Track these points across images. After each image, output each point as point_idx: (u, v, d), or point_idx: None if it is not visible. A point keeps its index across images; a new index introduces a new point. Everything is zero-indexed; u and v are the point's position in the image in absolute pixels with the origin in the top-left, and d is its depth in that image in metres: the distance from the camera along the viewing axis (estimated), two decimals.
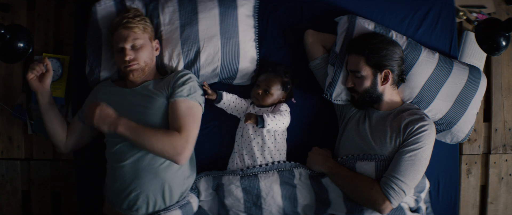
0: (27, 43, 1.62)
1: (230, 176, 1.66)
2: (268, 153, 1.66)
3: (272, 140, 1.67)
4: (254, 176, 1.64)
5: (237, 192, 1.63)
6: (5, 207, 1.98)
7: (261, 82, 1.70)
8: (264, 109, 1.70)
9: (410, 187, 1.48)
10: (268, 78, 1.69)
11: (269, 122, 1.60)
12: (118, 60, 1.63)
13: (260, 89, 1.69)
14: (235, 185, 1.63)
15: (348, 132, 1.67)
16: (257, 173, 1.64)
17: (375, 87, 1.60)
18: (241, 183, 1.63)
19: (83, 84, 1.77)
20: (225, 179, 1.65)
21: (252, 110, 1.71)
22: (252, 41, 1.76)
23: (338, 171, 1.59)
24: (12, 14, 1.97)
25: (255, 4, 1.77)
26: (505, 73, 2.02)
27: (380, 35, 1.63)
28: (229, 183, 1.64)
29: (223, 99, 1.70)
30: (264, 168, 1.65)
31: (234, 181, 1.64)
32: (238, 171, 1.66)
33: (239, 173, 1.65)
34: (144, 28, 1.62)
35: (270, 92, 1.68)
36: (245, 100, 1.76)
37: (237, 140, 1.72)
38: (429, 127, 1.51)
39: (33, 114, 1.94)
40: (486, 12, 1.99)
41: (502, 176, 2.02)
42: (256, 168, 1.65)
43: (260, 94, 1.69)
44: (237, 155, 1.70)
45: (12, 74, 1.97)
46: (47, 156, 1.96)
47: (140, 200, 1.53)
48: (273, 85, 1.68)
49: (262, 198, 1.62)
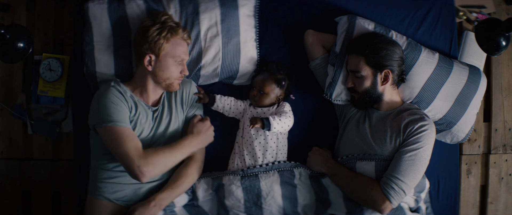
0: (27, 43, 1.62)
1: (230, 176, 1.65)
2: (269, 153, 1.66)
3: (275, 139, 1.67)
4: (255, 176, 1.64)
5: (238, 192, 1.62)
6: (5, 207, 1.98)
7: (256, 83, 1.71)
8: (265, 109, 1.70)
9: (410, 187, 1.48)
10: (261, 78, 1.70)
11: (275, 125, 1.59)
12: (173, 69, 1.57)
13: (255, 91, 1.69)
14: (235, 185, 1.63)
15: (348, 132, 1.67)
16: (257, 173, 1.64)
17: (375, 87, 1.60)
18: (241, 183, 1.63)
19: (83, 84, 1.76)
20: (226, 179, 1.65)
21: (252, 110, 1.71)
22: (253, 41, 1.75)
23: (338, 171, 1.59)
24: (12, 14, 1.97)
25: (255, 4, 1.77)
26: (505, 73, 2.02)
27: (380, 35, 1.63)
28: (230, 183, 1.64)
29: (216, 102, 1.70)
30: (264, 168, 1.65)
31: (235, 181, 1.63)
32: (239, 171, 1.66)
33: (239, 173, 1.65)
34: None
35: (265, 92, 1.68)
36: (242, 101, 1.76)
37: (238, 140, 1.72)
38: (429, 127, 1.51)
39: (33, 114, 1.94)
40: (486, 12, 1.99)
41: (502, 176, 2.02)
42: (257, 168, 1.65)
43: (256, 95, 1.69)
44: (238, 156, 1.70)
45: (12, 74, 1.97)
46: (47, 156, 1.96)
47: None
48: (267, 85, 1.68)
49: (263, 198, 1.62)
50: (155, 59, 1.54)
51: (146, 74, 1.58)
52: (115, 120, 1.48)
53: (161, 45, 1.52)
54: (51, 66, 1.89)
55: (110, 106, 1.49)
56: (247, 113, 1.72)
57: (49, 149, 1.96)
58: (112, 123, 1.47)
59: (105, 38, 1.66)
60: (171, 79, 1.58)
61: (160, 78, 1.57)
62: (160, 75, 1.56)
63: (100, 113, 1.50)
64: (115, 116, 1.48)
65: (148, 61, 1.54)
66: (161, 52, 1.53)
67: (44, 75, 1.89)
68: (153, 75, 1.57)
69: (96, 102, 1.54)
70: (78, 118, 1.80)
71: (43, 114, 1.94)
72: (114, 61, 1.67)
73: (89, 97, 1.77)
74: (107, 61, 1.67)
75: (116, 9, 1.66)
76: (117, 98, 1.52)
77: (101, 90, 1.57)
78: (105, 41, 1.66)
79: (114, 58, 1.66)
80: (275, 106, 1.71)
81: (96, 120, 1.51)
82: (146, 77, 1.58)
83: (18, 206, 1.98)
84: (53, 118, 1.95)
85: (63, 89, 1.91)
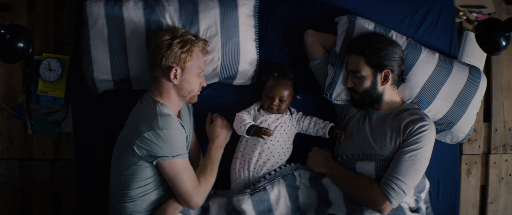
0: (27, 43, 1.62)
1: (239, 196, 1.60)
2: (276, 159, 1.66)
3: (283, 145, 1.67)
4: (263, 190, 1.61)
5: (249, 209, 1.57)
6: (5, 207, 1.98)
7: (273, 91, 1.66)
8: (278, 115, 1.69)
9: (410, 187, 1.48)
10: (279, 85, 1.66)
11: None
12: (196, 81, 1.58)
13: (275, 100, 1.66)
14: (246, 203, 1.58)
15: (348, 132, 1.67)
16: (265, 186, 1.62)
17: (375, 88, 1.60)
18: (251, 200, 1.58)
19: (83, 84, 1.76)
20: (235, 200, 1.60)
21: (265, 116, 1.68)
22: (252, 41, 1.75)
23: (338, 172, 1.59)
24: (12, 14, 1.97)
25: (255, 4, 1.77)
26: (505, 73, 2.02)
27: (380, 35, 1.63)
28: (239, 204, 1.58)
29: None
30: (269, 178, 1.63)
31: (244, 200, 1.58)
32: (247, 191, 1.61)
33: (247, 192, 1.61)
34: None
35: (286, 100, 1.67)
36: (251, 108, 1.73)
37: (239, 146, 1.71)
38: (429, 127, 1.51)
39: (33, 114, 1.94)
40: (486, 12, 1.99)
41: (502, 176, 2.02)
42: (262, 182, 1.62)
43: (276, 104, 1.66)
44: (239, 162, 1.68)
45: (12, 74, 1.97)
46: (47, 156, 1.96)
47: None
48: (286, 91, 1.66)
49: (274, 208, 1.59)
50: (181, 72, 1.54)
51: (170, 88, 1.55)
52: (183, 152, 1.49)
53: (185, 57, 1.53)
54: (51, 66, 1.90)
55: (178, 138, 1.46)
56: (261, 120, 1.68)
57: (49, 149, 1.96)
58: (180, 155, 1.47)
59: (102, 37, 1.65)
60: (195, 91, 1.59)
61: (186, 91, 1.56)
62: (186, 88, 1.56)
63: (169, 145, 1.43)
64: (183, 147, 1.49)
65: (174, 74, 1.53)
66: (187, 64, 1.54)
67: (44, 75, 1.89)
68: (179, 89, 1.55)
69: (162, 134, 1.42)
70: (78, 118, 1.80)
71: (43, 114, 1.95)
72: (110, 60, 1.66)
73: (89, 97, 1.78)
74: (103, 61, 1.66)
75: (113, 8, 1.65)
76: (180, 126, 1.49)
77: (163, 121, 1.44)
78: (101, 40, 1.65)
79: (109, 58, 1.66)
80: (288, 112, 1.72)
81: (164, 153, 1.43)
82: (171, 92, 1.56)
83: (18, 206, 1.98)
84: (53, 118, 1.95)
85: (63, 89, 1.91)
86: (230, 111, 1.76)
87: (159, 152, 1.43)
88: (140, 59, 1.67)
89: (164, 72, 1.53)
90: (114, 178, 1.55)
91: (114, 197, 1.56)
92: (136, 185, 1.49)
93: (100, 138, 1.71)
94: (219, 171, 1.68)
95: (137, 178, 1.48)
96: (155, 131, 1.41)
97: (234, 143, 1.74)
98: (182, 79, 1.55)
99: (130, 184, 1.49)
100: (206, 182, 1.56)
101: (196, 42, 1.57)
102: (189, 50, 1.53)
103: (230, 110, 1.76)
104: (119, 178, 1.51)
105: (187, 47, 1.53)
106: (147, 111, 1.50)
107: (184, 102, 1.61)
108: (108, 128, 1.68)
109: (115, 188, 1.55)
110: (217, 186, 1.72)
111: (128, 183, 1.49)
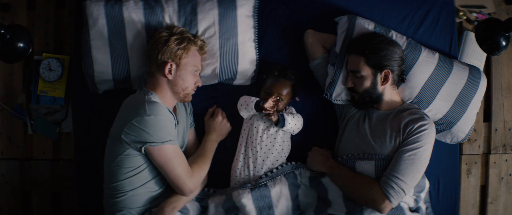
0: (27, 43, 1.62)
1: (239, 190, 1.60)
2: (274, 156, 1.66)
3: (280, 142, 1.67)
4: (264, 186, 1.61)
5: (249, 204, 1.58)
6: (5, 207, 1.98)
7: (272, 88, 1.68)
8: (268, 124, 1.69)
9: (409, 186, 1.48)
10: (278, 83, 1.68)
11: (289, 121, 1.63)
12: (191, 79, 1.58)
13: (274, 97, 1.67)
14: (246, 198, 1.58)
15: (348, 131, 1.67)
16: (266, 182, 1.62)
17: (375, 87, 1.60)
18: (252, 195, 1.59)
19: (83, 84, 1.76)
20: (235, 195, 1.60)
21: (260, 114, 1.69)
22: (252, 42, 1.75)
23: (338, 171, 1.59)
24: (12, 14, 1.97)
25: (254, 4, 1.77)
26: (505, 73, 2.02)
27: (380, 35, 1.63)
28: (240, 198, 1.58)
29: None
30: (271, 175, 1.64)
31: (244, 194, 1.58)
32: (247, 185, 1.62)
33: (248, 187, 1.61)
34: None
35: (283, 98, 1.68)
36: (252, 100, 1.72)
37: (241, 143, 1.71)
38: (429, 126, 1.51)
39: (33, 114, 1.94)
40: (486, 12, 1.99)
41: (502, 176, 2.02)
42: (264, 178, 1.63)
43: (275, 102, 1.67)
44: (242, 159, 1.69)
45: (12, 74, 1.97)
46: (47, 156, 1.96)
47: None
48: (286, 90, 1.68)
49: (274, 205, 1.59)
50: (175, 68, 1.55)
51: (164, 84, 1.56)
52: (173, 138, 1.47)
53: (181, 54, 1.54)
54: (51, 66, 1.90)
55: (166, 124, 1.45)
56: (257, 118, 1.70)
57: (49, 149, 1.96)
58: (170, 142, 1.45)
59: (102, 37, 1.65)
60: (189, 89, 1.59)
61: (179, 87, 1.57)
62: (180, 84, 1.56)
63: (158, 131, 1.42)
64: (173, 133, 1.48)
65: (169, 70, 1.53)
66: (182, 60, 1.54)
67: (44, 75, 1.89)
68: (172, 85, 1.56)
69: (150, 120, 1.41)
70: (78, 118, 1.80)
71: (43, 114, 1.95)
72: (110, 60, 1.66)
73: (89, 97, 1.78)
74: (104, 61, 1.66)
75: (113, 8, 1.66)
76: (168, 113, 1.49)
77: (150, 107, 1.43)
78: (102, 40, 1.65)
79: (110, 58, 1.66)
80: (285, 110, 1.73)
81: (152, 139, 1.42)
82: (164, 87, 1.56)
83: (18, 206, 1.98)
84: (53, 118, 1.95)
85: (63, 89, 1.91)
86: (230, 111, 1.76)
87: (148, 138, 1.42)
88: (140, 59, 1.67)
89: (159, 67, 1.54)
90: (106, 173, 1.56)
91: (106, 192, 1.56)
92: (123, 176, 1.47)
93: (100, 138, 1.70)
94: (219, 171, 1.68)
95: (125, 168, 1.47)
96: (142, 117, 1.40)
97: (234, 143, 1.74)
98: (177, 76, 1.55)
99: (118, 175, 1.48)
100: (199, 169, 1.57)
101: (193, 41, 1.59)
102: (185, 47, 1.55)
103: (230, 110, 1.76)
104: (108, 171, 1.52)
105: (184, 44, 1.55)
106: (136, 100, 1.51)
107: (177, 100, 1.62)
108: (108, 128, 1.67)
109: (105, 183, 1.56)
110: (217, 185, 1.73)
111: (116, 174, 1.48)
